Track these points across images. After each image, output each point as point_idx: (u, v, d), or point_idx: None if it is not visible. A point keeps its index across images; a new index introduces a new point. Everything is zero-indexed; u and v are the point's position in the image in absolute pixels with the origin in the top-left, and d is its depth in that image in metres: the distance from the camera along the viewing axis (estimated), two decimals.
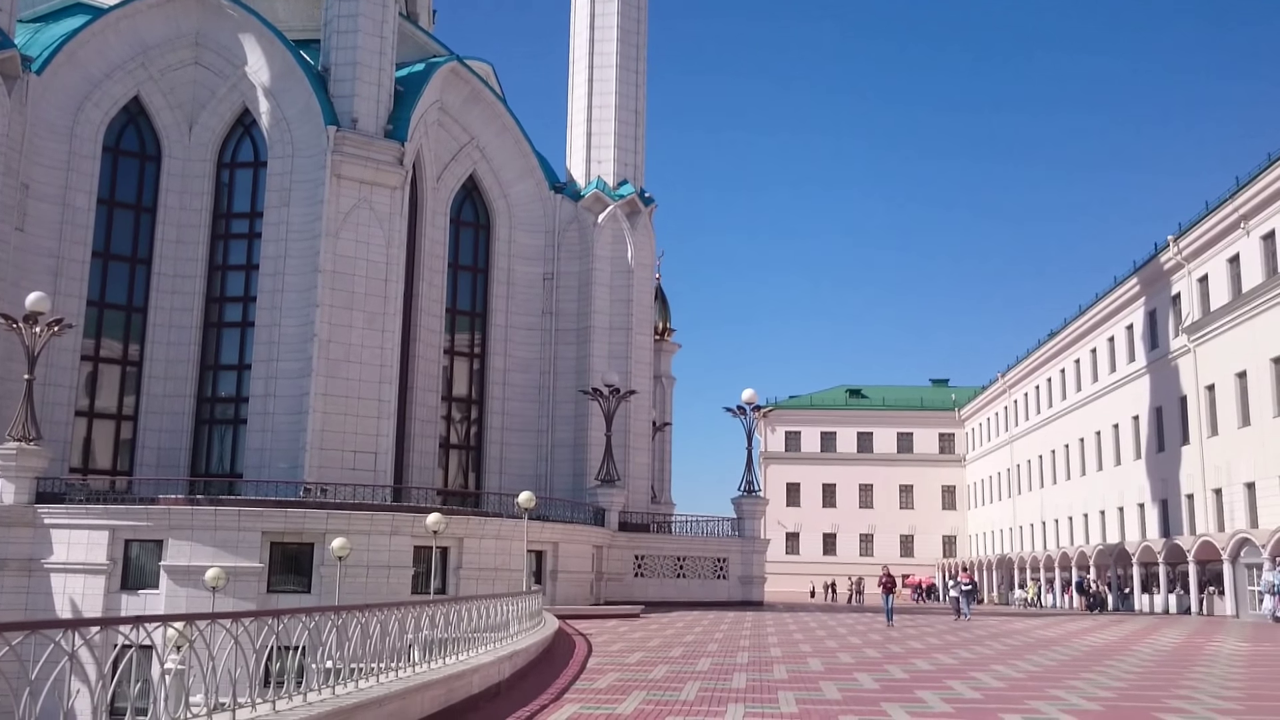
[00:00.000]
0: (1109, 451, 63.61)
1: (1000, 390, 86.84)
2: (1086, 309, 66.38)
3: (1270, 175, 43.96)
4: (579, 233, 52.56)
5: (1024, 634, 31.70)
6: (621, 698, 15.03)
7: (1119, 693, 16.36)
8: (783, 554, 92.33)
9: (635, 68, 54.71)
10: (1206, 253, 50.81)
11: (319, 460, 41.65)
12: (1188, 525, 52.24)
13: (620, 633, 28.74)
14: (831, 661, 21.25)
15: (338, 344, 43.02)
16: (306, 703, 9.65)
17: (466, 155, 51.38)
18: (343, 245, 43.69)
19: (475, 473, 51.06)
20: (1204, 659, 22.92)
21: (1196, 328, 51.35)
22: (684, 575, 48.71)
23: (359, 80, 44.93)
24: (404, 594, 34.40)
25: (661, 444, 62.89)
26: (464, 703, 13.51)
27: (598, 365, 50.32)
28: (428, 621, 13.93)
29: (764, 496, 54.08)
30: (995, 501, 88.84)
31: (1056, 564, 65.36)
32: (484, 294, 52.13)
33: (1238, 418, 47.80)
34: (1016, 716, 13.50)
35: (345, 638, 11.02)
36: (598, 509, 46.91)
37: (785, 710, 13.89)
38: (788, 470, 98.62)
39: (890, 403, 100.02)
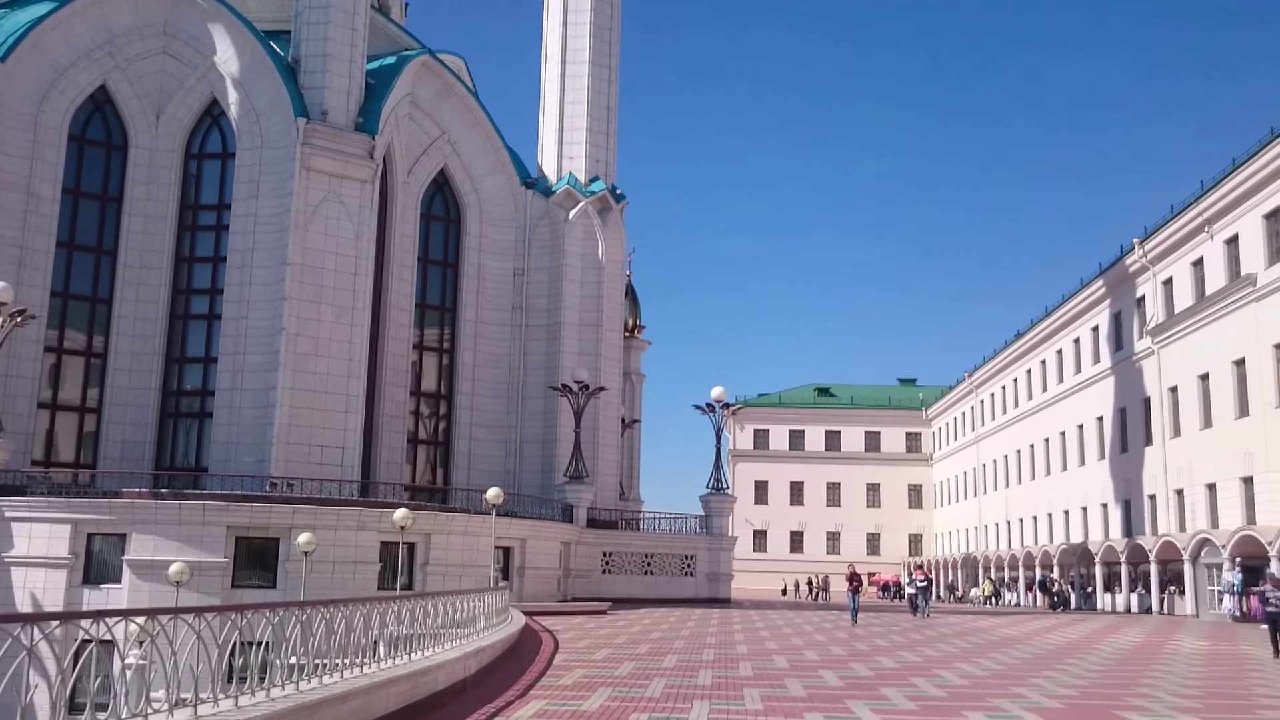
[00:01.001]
0: (1073, 452, 64.23)
1: (967, 390, 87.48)
2: (1053, 310, 66.99)
3: (1234, 180, 44.51)
4: (550, 228, 52.45)
5: (987, 632, 31.96)
6: (587, 694, 15.04)
7: (1081, 690, 16.53)
8: (750, 551, 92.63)
9: (608, 64, 54.65)
10: (1171, 256, 51.40)
11: (285, 455, 41.36)
12: (1150, 525, 52.84)
13: (587, 629, 28.74)
14: (797, 659, 21.34)
15: (306, 338, 42.73)
16: (270, 699, 9.59)
17: (437, 149, 51.15)
18: (311, 238, 43.40)
19: (443, 468, 50.87)
20: (1164, 657, 23.20)
21: (1160, 330, 51.93)
22: (651, 572, 48.75)
23: (329, 72, 44.63)
24: (370, 590, 34.23)
25: (630, 441, 62.92)
26: (429, 699, 13.47)
27: (567, 361, 50.26)
28: (393, 617, 13.88)
29: (732, 494, 54.20)
30: (961, 501, 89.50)
31: (1021, 563, 65.96)
32: (454, 289, 51.92)
33: (1200, 419, 48.39)
34: (980, 714, 13.61)
35: (310, 633, 10.95)
36: (566, 505, 46.87)
37: (750, 707, 13.94)
38: (756, 468, 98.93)
39: (858, 402, 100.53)
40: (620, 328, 55.35)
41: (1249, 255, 44.38)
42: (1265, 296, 42.81)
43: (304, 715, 9.62)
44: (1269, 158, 41.93)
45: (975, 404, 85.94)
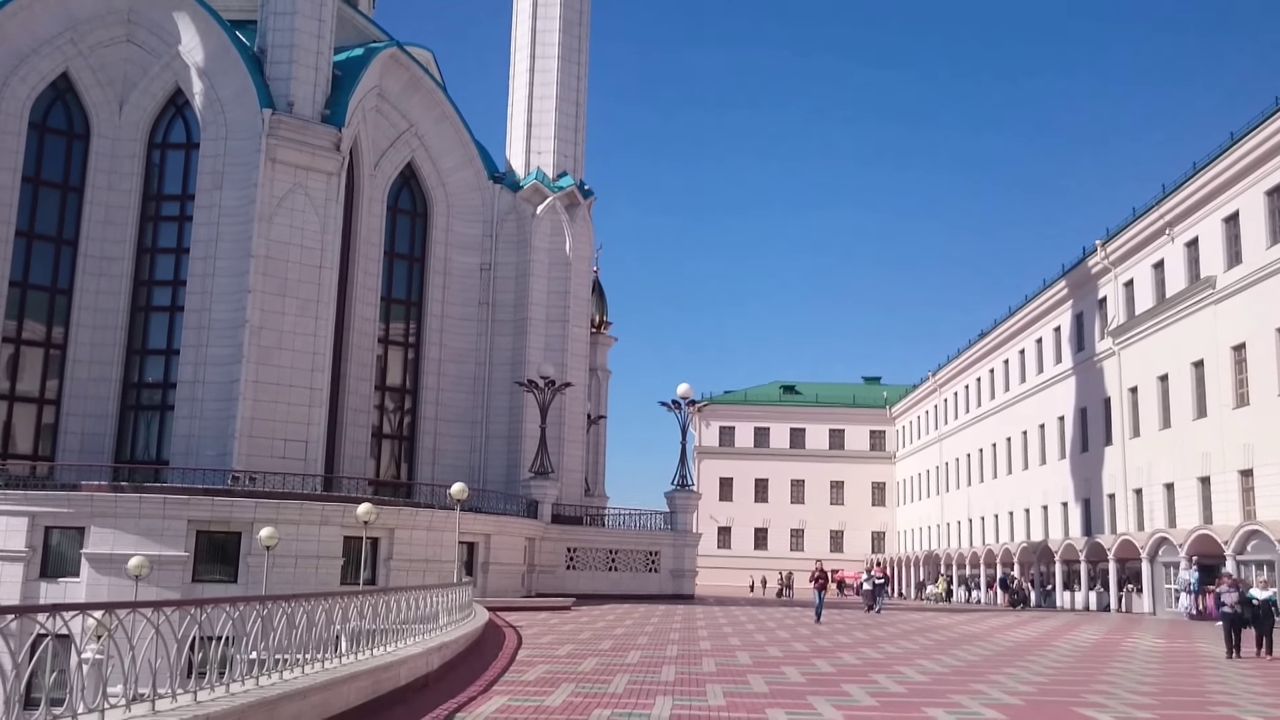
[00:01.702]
0: (1035, 451, 64.85)
1: (931, 389, 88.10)
2: (1016, 310, 67.58)
3: (1195, 183, 45.06)
4: (517, 224, 52.32)
5: (948, 629, 32.23)
6: (550, 690, 15.03)
7: (1039, 687, 16.71)
8: (715, 548, 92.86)
9: (577, 59, 54.56)
10: (1132, 258, 51.98)
11: (248, 448, 41.04)
12: (1109, 524, 53.44)
13: (551, 625, 28.72)
14: (760, 655, 21.42)
15: (269, 330, 42.41)
16: (229, 694, 9.52)
17: (405, 143, 50.89)
18: (276, 230, 43.06)
19: (408, 463, 50.66)
20: (1121, 655, 23.48)
21: (1121, 331, 52.51)
22: (616, 568, 48.78)
23: (296, 63, 44.28)
24: (333, 585, 34.10)
25: (596, 437, 62.89)
26: (391, 694, 13.41)
27: (534, 357, 50.19)
28: (355, 612, 13.80)
29: (697, 491, 54.35)
30: (924, 499, 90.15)
31: (982, 561, 66.53)
32: (420, 283, 51.70)
33: (1159, 420, 48.98)
34: (940, 710, 13.71)
35: (270, 628, 10.88)
36: (531, 501, 46.81)
37: (713, 703, 13.98)
38: (721, 465, 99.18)
39: (823, 400, 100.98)
40: (587, 324, 55.34)
41: (1208, 258, 44.96)
42: (1224, 299, 43.40)
43: (264, 710, 9.55)
44: (1228, 163, 42.49)
45: (939, 403, 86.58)
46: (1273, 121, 39.26)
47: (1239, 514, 41.21)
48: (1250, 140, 40.82)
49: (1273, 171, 40.14)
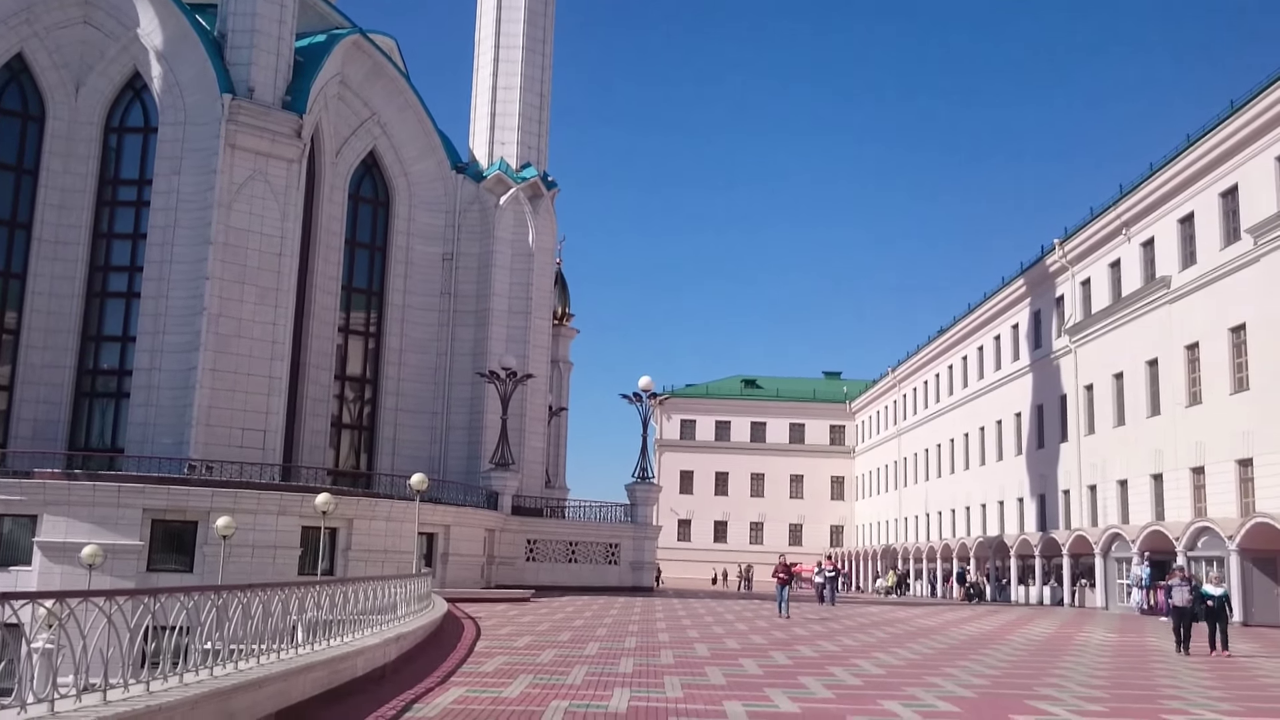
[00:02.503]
0: (992, 447, 65.51)
1: (890, 384, 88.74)
2: (975, 308, 68.19)
3: (1152, 184, 45.64)
4: (480, 214, 52.10)
5: (905, 622, 32.53)
6: (508, 681, 15.03)
7: (993, 680, 16.90)
8: (675, 541, 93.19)
9: (542, 50, 54.36)
10: (1090, 257, 52.60)
11: (205, 437, 40.65)
12: (1063, 520, 54.11)
13: (510, 616, 28.71)
14: (718, 648, 21.52)
15: (228, 318, 41.99)
16: (183, 684, 9.43)
17: (367, 131, 50.51)
18: (236, 217, 42.62)
19: (367, 453, 50.37)
20: (1074, 649, 23.80)
21: (1078, 329, 53.14)
22: (576, 560, 48.79)
23: (257, 48, 43.82)
24: (290, 575, 33.79)
25: (557, 429, 62.89)
26: (348, 685, 13.35)
27: (495, 348, 50.04)
28: (312, 603, 13.72)
29: (657, 483, 54.42)
30: (882, 493, 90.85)
31: (939, 555, 67.12)
32: (381, 272, 51.38)
33: (1113, 417, 49.64)
34: (895, 703, 13.84)
35: (225, 618, 10.78)
36: (491, 492, 46.69)
37: (670, 695, 14.04)
38: (682, 458, 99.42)
39: (784, 394, 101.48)
40: (549, 315, 55.25)
41: (1164, 258, 45.59)
42: (1179, 299, 44.03)
43: (218, 701, 9.48)
44: (1183, 165, 43.08)
45: (898, 398, 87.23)
46: (1227, 125, 39.84)
47: (1190, 511, 41.87)
48: (1205, 143, 41.41)
49: (1227, 174, 40.76)
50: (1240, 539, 34.66)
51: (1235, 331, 40.14)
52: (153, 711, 8.28)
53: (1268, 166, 38.09)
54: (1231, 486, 39.61)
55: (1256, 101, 37.98)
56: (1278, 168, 37.60)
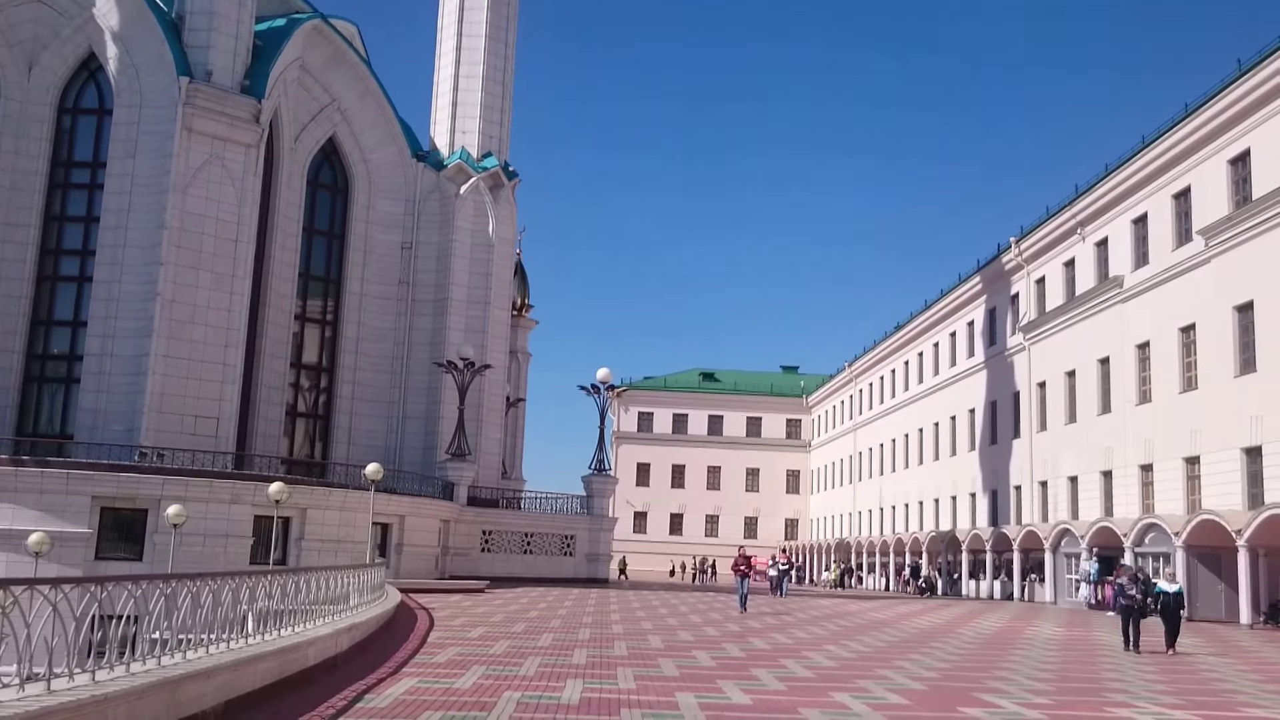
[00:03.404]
0: (945, 442, 66.15)
1: (847, 379, 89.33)
2: (931, 304, 68.77)
3: (1106, 185, 46.24)
4: (440, 203, 51.81)
5: (857, 615, 32.81)
6: (460, 672, 15.00)
7: (942, 673, 17.10)
8: (630, 533, 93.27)
9: (505, 39, 54.10)
10: (1045, 256, 53.22)
11: (157, 424, 40.17)
12: (1015, 515, 54.78)
13: (464, 608, 28.65)
14: (672, 640, 21.60)
15: (182, 304, 41.50)
16: (130, 673, 9.33)
17: (327, 117, 50.05)
18: (191, 202, 42.10)
19: (322, 442, 49.99)
20: (1022, 643, 24.12)
21: (1032, 327, 53.76)
22: (531, 551, 48.74)
23: (215, 31, 43.26)
24: (242, 564, 33.47)
25: (515, 420, 62.71)
26: (299, 675, 13.28)
27: (454, 338, 49.83)
28: (263, 592, 13.61)
29: (614, 475, 54.46)
30: (837, 487, 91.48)
31: (891, 549, 67.71)
32: (339, 260, 50.95)
33: (1065, 414, 50.30)
34: (846, 694, 13.97)
35: (174, 607, 10.68)
36: (447, 483, 46.52)
37: (623, 686, 14.08)
38: (639, 450, 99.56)
39: (741, 388, 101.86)
40: (508, 306, 55.09)
41: (1117, 258, 46.22)
42: (1131, 298, 44.66)
43: (165, 690, 9.39)
44: (1138, 166, 43.67)
45: (854, 393, 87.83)
46: (1181, 128, 40.42)
47: (1139, 507, 42.54)
48: (1160, 145, 42.00)
49: (1180, 176, 41.37)
50: (1186, 535, 35.26)
51: (1185, 331, 40.80)
52: (98, 701, 8.20)
53: (1220, 169, 38.71)
54: (1179, 484, 40.30)
55: (1210, 105, 38.57)
56: (1230, 171, 38.23)
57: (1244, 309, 36.94)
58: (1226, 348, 37.72)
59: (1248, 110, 36.94)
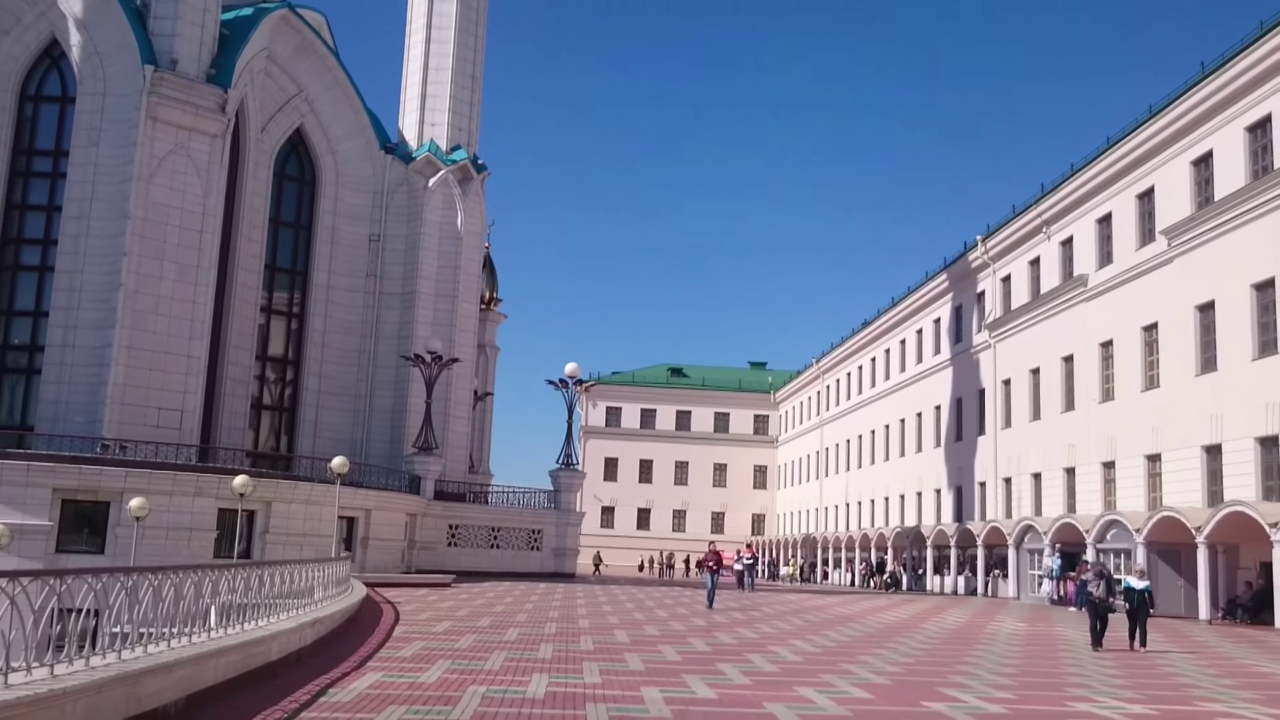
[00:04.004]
0: (911, 439, 66.57)
1: (814, 375, 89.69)
2: (899, 301, 69.14)
3: (1071, 185, 46.65)
4: (408, 196, 51.55)
5: (822, 610, 32.98)
6: (425, 666, 14.96)
7: (906, 668, 17.22)
8: (598, 527, 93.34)
9: (475, 31, 53.86)
10: (1011, 254, 53.63)
11: (120, 416, 39.74)
12: (979, 511, 55.23)
13: (430, 602, 28.56)
14: (638, 634, 21.63)
15: (146, 295, 41.06)
16: (89, 667, 9.24)
17: (294, 108, 49.65)
18: (155, 192, 41.65)
19: (288, 435, 49.65)
20: (985, 638, 24.32)
21: (997, 325, 54.18)
22: (498, 546, 48.67)
23: (181, 19, 42.80)
24: (206, 558, 33.30)
25: (482, 414, 62.59)
26: (262, 669, 13.19)
27: (421, 331, 49.62)
28: (226, 586, 13.51)
29: (581, 470, 54.46)
30: (804, 482, 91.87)
31: (857, 544, 68.06)
32: (306, 252, 50.58)
33: (1029, 412, 50.75)
34: (810, 689, 14.05)
35: (135, 600, 10.57)
36: (413, 477, 46.35)
37: (589, 680, 14.08)
38: (607, 445, 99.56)
39: (709, 383, 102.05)
40: (476, 299, 54.91)
41: (1082, 257, 46.66)
42: (1095, 297, 45.10)
43: (126, 685, 9.31)
44: (1103, 166, 44.08)
45: (821, 389, 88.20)
46: (1145, 129, 40.84)
47: (1101, 504, 42.99)
48: (1124, 146, 42.41)
49: (1144, 176, 41.79)
50: (1147, 532, 35.67)
51: (1148, 330, 41.25)
52: (56, 696, 8.11)
53: (1183, 170, 39.15)
54: (1140, 481, 40.77)
55: (1173, 107, 38.98)
56: (1193, 172, 38.67)
57: (1205, 308, 37.39)
58: (1188, 347, 38.17)
59: (1210, 112, 37.37)
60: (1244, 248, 35.18)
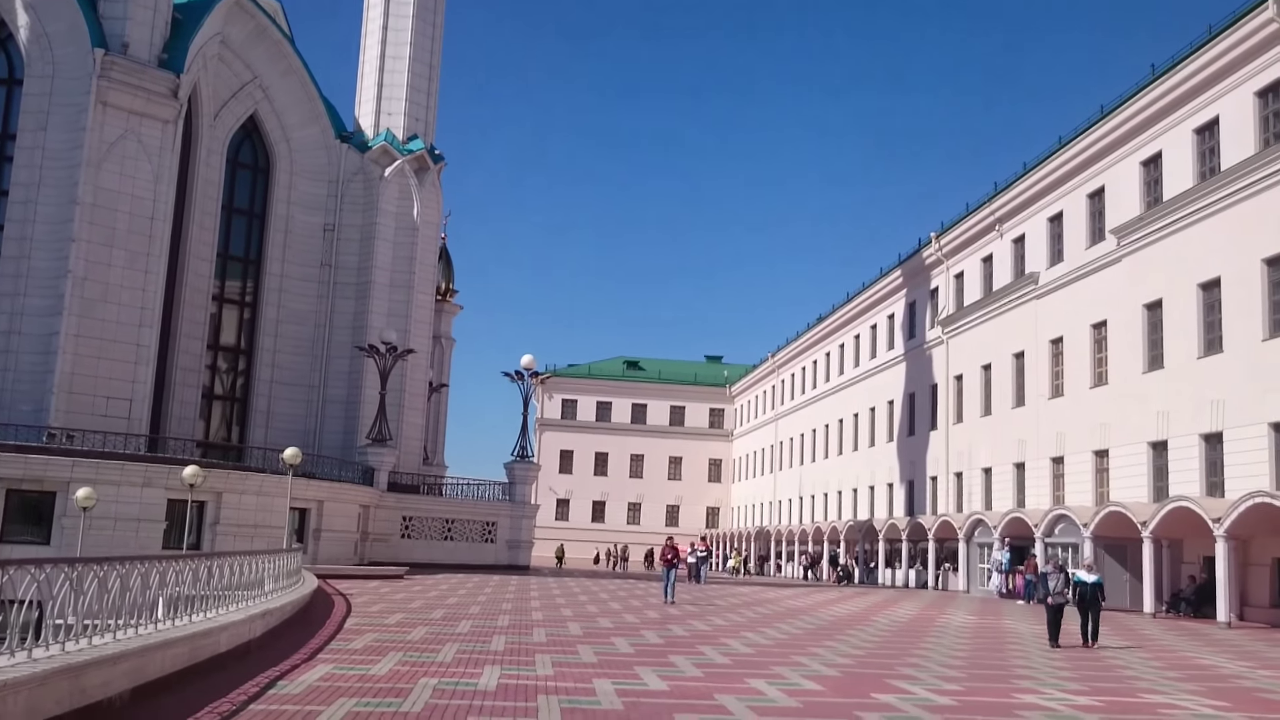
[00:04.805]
0: (864, 433, 67.09)
1: (770, 370, 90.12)
2: (853, 296, 69.60)
3: (1024, 183, 47.19)
4: (364, 185, 51.14)
5: (775, 603, 33.19)
6: (377, 659, 14.89)
7: (857, 660, 17.38)
8: (553, 520, 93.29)
9: (433, 20, 53.50)
10: (964, 251, 54.17)
11: (67, 404, 39.14)
12: (930, 505, 55.79)
13: (382, 594, 28.42)
14: (590, 626, 21.66)
15: (94, 282, 40.44)
16: (32, 659, 9.10)
17: (248, 94, 49.06)
18: (105, 177, 41.01)
19: (240, 426, 49.14)
20: (935, 630, 24.60)
21: (950, 321, 54.72)
22: (452, 538, 48.50)
23: (132, 2, 42.15)
24: (155, 549, 32.89)
25: (437, 405, 62.29)
26: (210, 661, 13.07)
27: (376, 322, 49.29)
28: (174, 577, 13.35)
29: (536, 463, 54.36)
30: (758, 476, 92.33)
31: (810, 538, 68.50)
32: (260, 241, 50.05)
33: (981, 407, 51.32)
34: (761, 681, 14.14)
35: (80, 592, 10.44)
36: (367, 468, 46.06)
37: (541, 672, 14.09)
38: (562, 438, 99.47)
39: (665, 376, 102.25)
40: (432, 290, 54.62)
41: (1033, 255, 47.22)
42: (1045, 295, 45.68)
43: (69, 677, 9.19)
44: (1054, 165, 44.63)
45: (777, 383, 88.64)
46: (1096, 129, 41.39)
47: (1049, 499, 43.60)
48: (1075, 145, 42.95)
49: (1095, 176, 42.36)
50: (1095, 526, 36.19)
51: (1097, 328, 41.84)
52: None
53: (1133, 170, 39.73)
54: (1088, 476, 41.38)
55: (1123, 108, 39.54)
56: (1142, 172, 39.25)
57: (1153, 307, 38.00)
58: (1136, 344, 38.78)
59: (1160, 114, 37.94)
60: (1191, 248, 35.79)
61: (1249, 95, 33.64)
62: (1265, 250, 32.25)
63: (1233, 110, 34.40)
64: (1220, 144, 34.93)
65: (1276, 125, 32.62)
